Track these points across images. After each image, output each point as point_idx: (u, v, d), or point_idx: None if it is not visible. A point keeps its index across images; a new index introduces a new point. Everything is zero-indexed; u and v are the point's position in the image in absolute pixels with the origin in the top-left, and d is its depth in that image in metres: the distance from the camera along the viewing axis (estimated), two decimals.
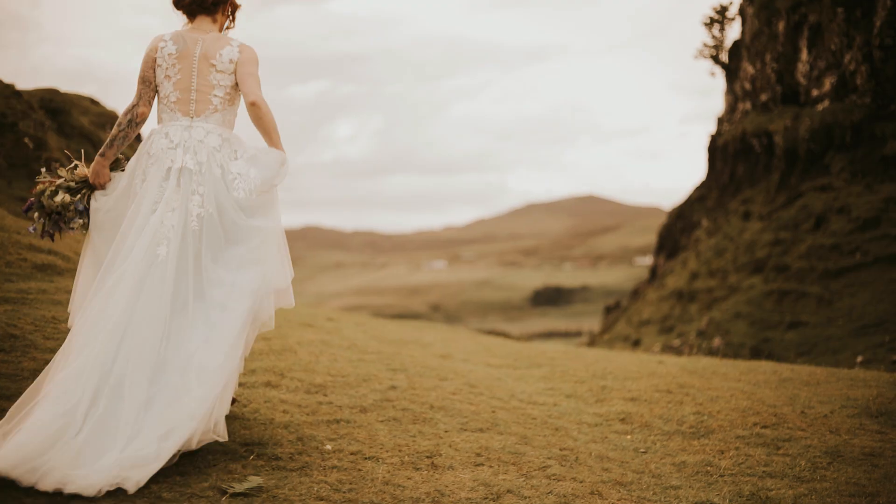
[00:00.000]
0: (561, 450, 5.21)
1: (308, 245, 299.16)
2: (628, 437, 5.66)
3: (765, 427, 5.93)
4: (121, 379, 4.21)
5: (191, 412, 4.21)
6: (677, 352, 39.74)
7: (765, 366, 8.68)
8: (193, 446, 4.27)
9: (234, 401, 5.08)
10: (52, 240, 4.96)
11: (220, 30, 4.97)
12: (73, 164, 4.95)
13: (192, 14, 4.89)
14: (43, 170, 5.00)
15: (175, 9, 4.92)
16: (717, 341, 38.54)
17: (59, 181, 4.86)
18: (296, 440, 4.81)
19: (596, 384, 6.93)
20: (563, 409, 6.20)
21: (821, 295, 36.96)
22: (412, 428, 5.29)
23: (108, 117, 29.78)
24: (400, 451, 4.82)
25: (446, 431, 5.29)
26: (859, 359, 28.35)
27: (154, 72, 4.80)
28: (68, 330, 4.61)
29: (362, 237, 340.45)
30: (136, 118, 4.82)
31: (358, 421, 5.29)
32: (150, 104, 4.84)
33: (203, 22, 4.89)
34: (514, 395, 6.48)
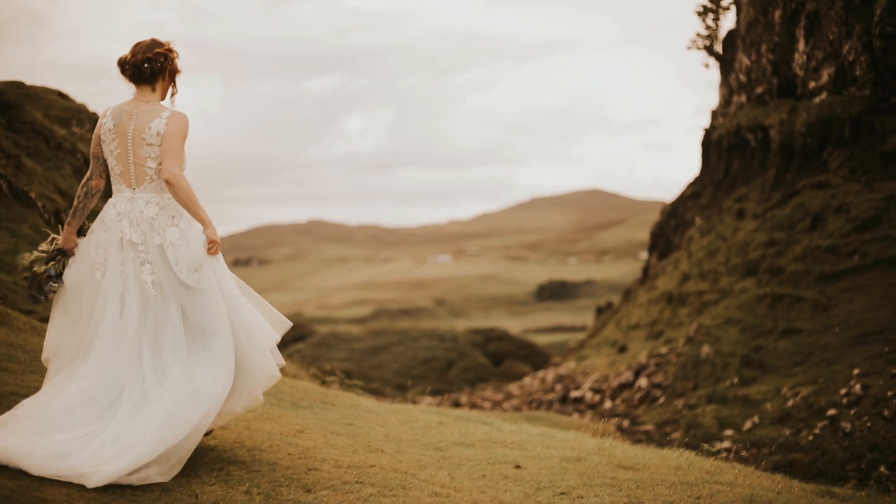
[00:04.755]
0: None
1: (312, 239, 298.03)
2: None
3: None
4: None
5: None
6: (664, 360, 37.40)
7: (677, 471, 6.14)
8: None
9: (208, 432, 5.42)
10: (37, 303, 5.25)
11: (163, 96, 5.17)
12: (50, 238, 5.32)
13: (133, 81, 5.11)
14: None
15: (120, 75, 5.12)
16: (705, 349, 36.37)
17: (36, 253, 5.23)
18: None
19: None
20: None
21: (816, 300, 34.93)
22: None
23: (75, 111, 27.43)
24: None
25: None
26: (856, 371, 26.17)
27: (101, 147, 5.10)
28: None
29: (367, 231, 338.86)
30: (90, 190, 5.20)
31: None
32: (102, 176, 5.18)
33: (143, 91, 5.11)
34: None
